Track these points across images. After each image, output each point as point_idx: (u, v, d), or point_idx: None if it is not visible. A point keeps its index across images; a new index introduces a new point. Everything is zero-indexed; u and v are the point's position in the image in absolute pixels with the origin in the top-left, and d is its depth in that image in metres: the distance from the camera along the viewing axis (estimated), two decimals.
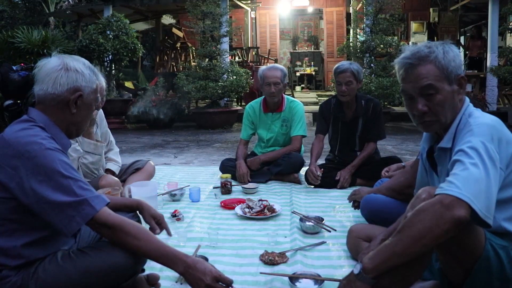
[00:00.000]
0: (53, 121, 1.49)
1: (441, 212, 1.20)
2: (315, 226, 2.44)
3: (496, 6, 8.14)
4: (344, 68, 3.27)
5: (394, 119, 7.86)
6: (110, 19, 8.10)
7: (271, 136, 3.72)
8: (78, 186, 1.38)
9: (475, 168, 1.26)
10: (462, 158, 1.30)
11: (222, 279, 1.46)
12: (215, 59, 7.95)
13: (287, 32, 14.72)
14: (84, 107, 1.53)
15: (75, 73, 1.48)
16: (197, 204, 3.03)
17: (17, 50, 8.08)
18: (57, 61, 1.49)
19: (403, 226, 1.26)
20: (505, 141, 1.37)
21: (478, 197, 1.22)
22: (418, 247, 1.22)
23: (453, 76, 1.47)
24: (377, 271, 1.28)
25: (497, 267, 1.34)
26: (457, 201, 1.21)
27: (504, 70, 7.31)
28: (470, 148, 1.31)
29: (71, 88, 1.47)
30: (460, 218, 1.19)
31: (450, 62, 1.46)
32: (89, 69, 1.54)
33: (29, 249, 1.42)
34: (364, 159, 3.36)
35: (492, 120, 1.41)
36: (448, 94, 1.47)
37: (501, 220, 1.40)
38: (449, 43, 1.52)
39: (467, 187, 1.22)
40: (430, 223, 1.21)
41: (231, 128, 7.90)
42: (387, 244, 1.28)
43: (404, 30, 12.77)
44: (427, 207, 1.24)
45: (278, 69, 3.58)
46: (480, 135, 1.34)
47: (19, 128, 1.41)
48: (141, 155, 5.24)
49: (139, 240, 1.43)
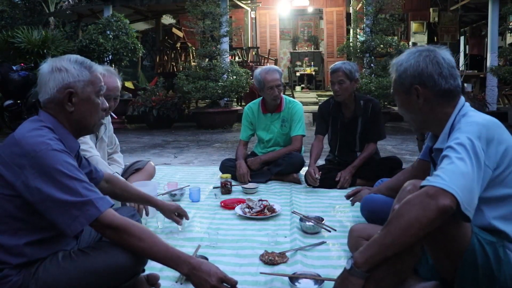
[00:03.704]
0: (60, 122, 1.50)
1: (427, 202, 1.24)
2: (315, 226, 2.44)
3: (496, 6, 8.15)
4: (336, 68, 3.29)
5: (394, 119, 7.86)
6: (110, 19, 8.10)
7: (271, 137, 3.72)
8: (83, 187, 1.38)
9: (461, 162, 1.29)
10: (449, 153, 1.34)
11: (227, 280, 1.46)
12: (215, 59, 7.95)
13: (287, 32, 14.72)
14: (82, 102, 1.51)
15: (60, 72, 1.48)
16: (197, 204, 3.03)
17: (17, 50, 8.09)
18: (46, 66, 1.51)
19: (391, 218, 1.30)
20: (496, 140, 1.38)
21: (463, 190, 1.25)
22: (407, 237, 1.25)
23: (407, 86, 1.54)
24: (369, 264, 1.30)
25: (484, 262, 1.35)
26: (442, 191, 1.24)
27: (504, 70, 7.32)
28: (458, 144, 1.34)
29: (60, 88, 1.48)
30: (445, 207, 1.23)
31: (404, 73, 1.54)
32: (77, 63, 1.52)
33: (31, 248, 1.42)
34: (364, 159, 3.36)
35: (484, 120, 1.42)
36: (407, 103, 1.57)
37: (492, 218, 1.42)
38: (427, 49, 1.55)
39: (452, 179, 1.26)
40: (417, 213, 1.24)
41: (231, 128, 7.90)
42: (376, 237, 1.31)
43: (404, 30, 12.77)
44: (413, 198, 1.28)
45: (276, 71, 3.59)
46: (467, 132, 1.36)
47: (29, 128, 1.43)
48: (141, 155, 5.25)
49: (143, 242, 1.43)
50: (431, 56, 1.50)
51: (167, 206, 2.17)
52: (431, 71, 1.49)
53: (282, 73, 3.75)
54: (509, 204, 1.42)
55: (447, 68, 1.49)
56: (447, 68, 1.49)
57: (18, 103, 6.60)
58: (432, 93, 1.51)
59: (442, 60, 1.49)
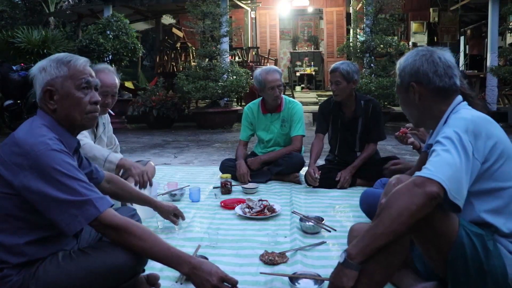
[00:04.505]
0: (55, 120, 1.50)
1: (414, 190, 1.29)
2: (315, 226, 2.44)
3: (496, 6, 8.15)
4: (334, 68, 3.31)
5: (394, 119, 7.86)
6: (110, 19, 8.10)
7: (271, 137, 3.73)
8: (82, 187, 1.38)
9: (447, 153, 1.34)
10: (436, 147, 1.40)
11: (227, 280, 1.47)
12: (215, 59, 7.95)
13: (287, 32, 14.71)
14: (63, 98, 1.50)
15: (41, 73, 1.50)
16: (197, 204, 3.03)
17: (17, 50, 8.08)
18: (35, 68, 1.53)
19: (381, 209, 1.34)
20: (485, 135, 1.41)
21: (449, 179, 1.29)
22: (397, 225, 1.29)
23: (405, 84, 1.61)
24: (362, 255, 1.33)
25: (472, 255, 1.37)
26: (428, 180, 1.30)
27: (504, 70, 7.32)
28: (444, 138, 1.40)
29: (42, 88, 1.50)
30: (432, 193, 1.28)
31: (402, 71, 1.62)
32: (54, 61, 1.51)
33: (31, 247, 1.42)
34: (364, 159, 3.36)
35: (473, 116, 1.47)
36: (406, 100, 1.64)
37: (481, 212, 1.44)
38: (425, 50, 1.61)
39: (438, 169, 1.31)
40: (405, 201, 1.29)
41: (231, 128, 7.90)
42: (368, 229, 1.35)
43: (404, 30, 12.77)
44: (401, 188, 1.33)
45: (276, 72, 3.60)
46: (454, 126, 1.42)
47: (28, 128, 1.44)
48: (141, 155, 5.25)
49: (144, 242, 1.44)
50: (427, 55, 1.58)
51: (165, 207, 2.19)
52: (426, 69, 1.56)
53: (282, 73, 3.76)
54: (499, 197, 1.44)
55: (443, 67, 1.55)
56: (442, 67, 1.55)
57: (18, 103, 6.59)
58: (427, 90, 1.57)
59: (438, 59, 1.56)
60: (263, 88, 3.56)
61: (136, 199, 2.07)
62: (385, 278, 1.40)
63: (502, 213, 1.43)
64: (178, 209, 2.26)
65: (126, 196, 1.98)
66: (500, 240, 1.42)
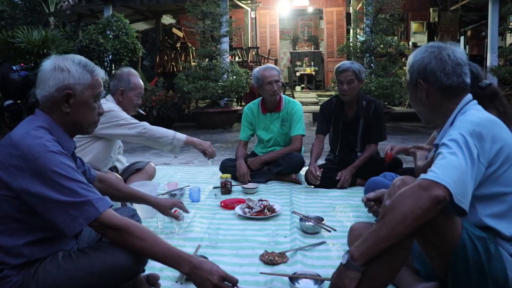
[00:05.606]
0: (56, 122, 1.50)
1: (420, 193, 1.27)
2: (315, 226, 2.44)
3: (496, 6, 8.14)
4: (345, 67, 3.28)
5: (394, 119, 7.86)
6: (110, 19, 8.08)
7: (270, 137, 3.72)
8: (82, 188, 1.38)
9: (453, 156, 1.32)
10: (442, 149, 1.37)
11: (228, 279, 1.46)
12: (215, 59, 7.94)
13: (287, 32, 14.71)
14: (79, 105, 1.51)
15: (62, 72, 1.48)
16: (197, 204, 3.03)
17: (17, 50, 8.08)
18: (49, 63, 1.50)
19: (385, 211, 1.32)
20: (490, 138, 1.39)
21: (456, 182, 1.27)
22: (402, 228, 1.27)
23: (413, 81, 1.59)
24: (364, 257, 1.31)
25: (474, 258, 1.36)
26: (434, 183, 1.27)
27: (504, 70, 7.31)
28: (450, 140, 1.37)
29: (59, 87, 1.47)
30: (438, 197, 1.25)
31: (411, 67, 1.60)
32: (80, 65, 1.51)
33: (30, 248, 1.42)
34: (365, 160, 3.36)
35: (479, 118, 1.44)
36: (414, 97, 1.63)
37: (484, 216, 1.43)
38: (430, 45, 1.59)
39: (444, 172, 1.29)
40: (410, 205, 1.27)
41: (231, 128, 7.89)
42: (371, 231, 1.33)
43: (404, 30, 12.76)
44: (406, 191, 1.30)
45: (274, 68, 3.62)
46: (460, 128, 1.40)
47: (26, 129, 1.42)
48: (141, 155, 5.25)
49: (144, 242, 1.43)
50: (436, 52, 1.54)
51: (162, 203, 2.18)
52: (434, 67, 1.53)
53: (281, 72, 3.76)
54: (502, 202, 1.43)
55: (451, 65, 1.51)
56: (451, 64, 1.52)
57: (18, 103, 6.59)
58: (434, 88, 1.55)
59: (446, 56, 1.52)
60: (261, 84, 3.57)
61: (130, 197, 2.06)
62: (387, 279, 1.39)
63: (505, 217, 1.42)
64: (177, 202, 2.26)
65: (119, 195, 1.97)
66: (502, 243, 1.41)
